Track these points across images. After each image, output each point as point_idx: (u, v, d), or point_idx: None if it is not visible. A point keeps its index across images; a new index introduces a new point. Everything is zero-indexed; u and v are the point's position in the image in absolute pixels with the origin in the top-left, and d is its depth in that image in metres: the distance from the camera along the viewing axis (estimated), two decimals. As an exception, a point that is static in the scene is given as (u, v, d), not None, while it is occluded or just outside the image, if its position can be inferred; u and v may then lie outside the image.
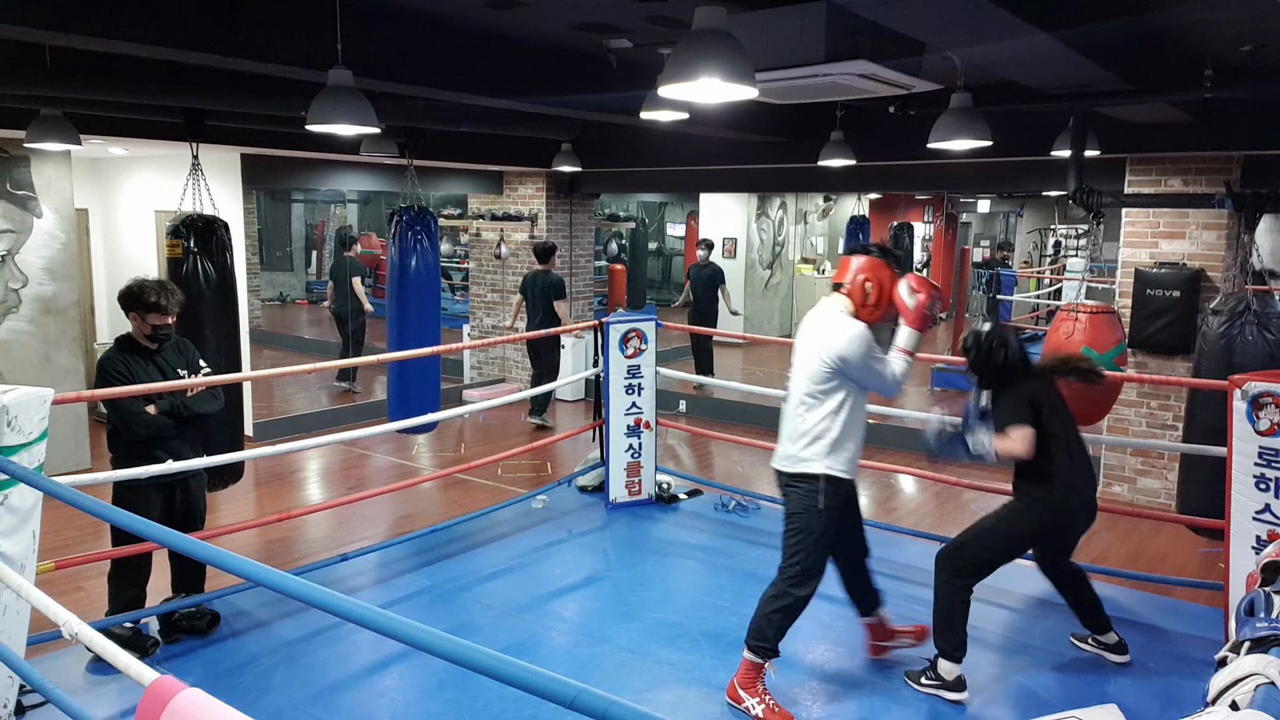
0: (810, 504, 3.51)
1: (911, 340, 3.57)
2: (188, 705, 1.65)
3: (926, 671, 3.77)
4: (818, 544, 3.55)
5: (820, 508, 3.50)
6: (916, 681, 3.78)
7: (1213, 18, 3.93)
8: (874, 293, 3.53)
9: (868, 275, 3.54)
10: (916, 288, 3.53)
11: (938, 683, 3.73)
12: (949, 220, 14.59)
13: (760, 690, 3.56)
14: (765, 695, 3.56)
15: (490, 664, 1.57)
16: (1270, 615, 1.97)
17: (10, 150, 6.52)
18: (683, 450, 8.03)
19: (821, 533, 3.54)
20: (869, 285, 3.53)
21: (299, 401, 9.61)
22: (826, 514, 3.52)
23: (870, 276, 3.54)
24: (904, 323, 3.58)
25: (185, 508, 4.14)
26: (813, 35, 3.16)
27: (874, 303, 3.54)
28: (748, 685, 3.58)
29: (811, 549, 3.54)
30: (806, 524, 3.53)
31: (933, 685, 3.73)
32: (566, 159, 7.63)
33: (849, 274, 3.58)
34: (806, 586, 3.56)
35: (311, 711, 3.57)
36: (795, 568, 3.55)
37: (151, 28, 3.53)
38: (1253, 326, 4.51)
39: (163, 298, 3.95)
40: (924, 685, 3.75)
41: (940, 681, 3.72)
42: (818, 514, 3.51)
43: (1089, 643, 4.11)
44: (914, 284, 3.54)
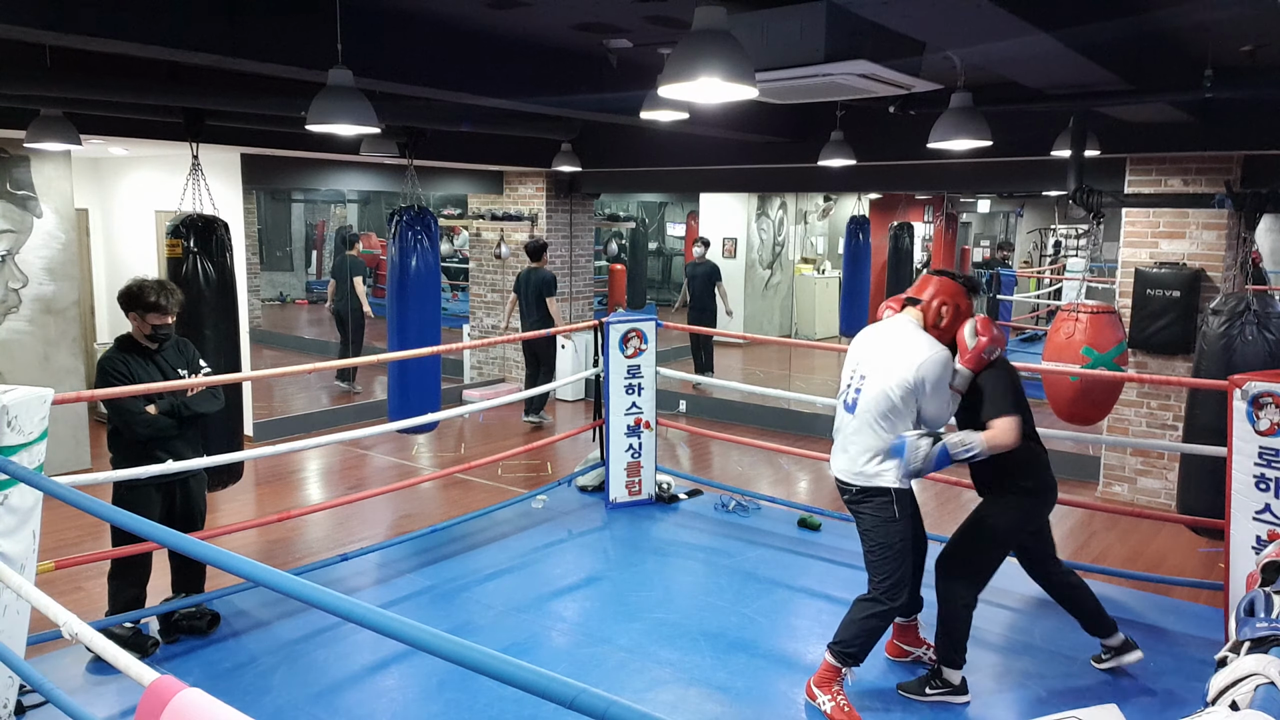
0: (888, 517, 3.53)
1: (964, 381, 3.58)
2: (188, 705, 1.65)
3: (930, 681, 3.73)
4: (901, 554, 3.56)
5: (896, 519, 3.53)
6: (919, 693, 3.72)
7: (1213, 18, 3.93)
8: (948, 317, 3.58)
9: (945, 299, 3.59)
10: (981, 330, 3.55)
11: (945, 690, 3.70)
12: (949, 220, 14.58)
13: (835, 690, 3.60)
14: (838, 694, 3.59)
15: (490, 664, 1.57)
16: (1270, 615, 1.97)
17: (10, 150, 6.52)
18: (683, 450, 8.03)
19: (901, 541, 3.56)
20: (944, 309, 3.58)
21: (299, 401, 9.61)
22: (902, 523, 3.55)
23: (948, 300, 3.59)
24: (959, 361, 3.58)
25: (185, 508, 4.14)
26: (813, 35, 3.15)
27: (944, 327, 3.58)
28: (823, 684, 3.62)
29: (896, 559, 3.56)
30: (887, 537, 3.55)
31: (940, 693, 3.70)
32: (566, 159, 7.63)
33: (927, 292, 3.61)
34: (899, 597, 3.58)
35: (311, 711, 3.57)
36: (886, 581, 3.56)
37: (151, 28, 3.53)
38: (1253, 326, 4.51)
39: (162, 297, 3.95)
40: (930, 695, 3.71)
41: (948, 688, 3.70)
42: (896, 526, 3.54)
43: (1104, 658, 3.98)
44: (979, 325, 3.57)
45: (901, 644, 4.08)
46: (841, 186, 9.61)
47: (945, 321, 3.57)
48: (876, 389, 3.49)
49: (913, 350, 3.46)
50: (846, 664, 3.60)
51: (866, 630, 3.58)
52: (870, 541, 3.59)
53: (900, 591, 3.56)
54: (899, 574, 3.55)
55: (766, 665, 4.01)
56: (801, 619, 4.48)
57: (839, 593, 4.75)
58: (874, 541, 3.58)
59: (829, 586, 4.84)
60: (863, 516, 3.60)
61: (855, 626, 3.58)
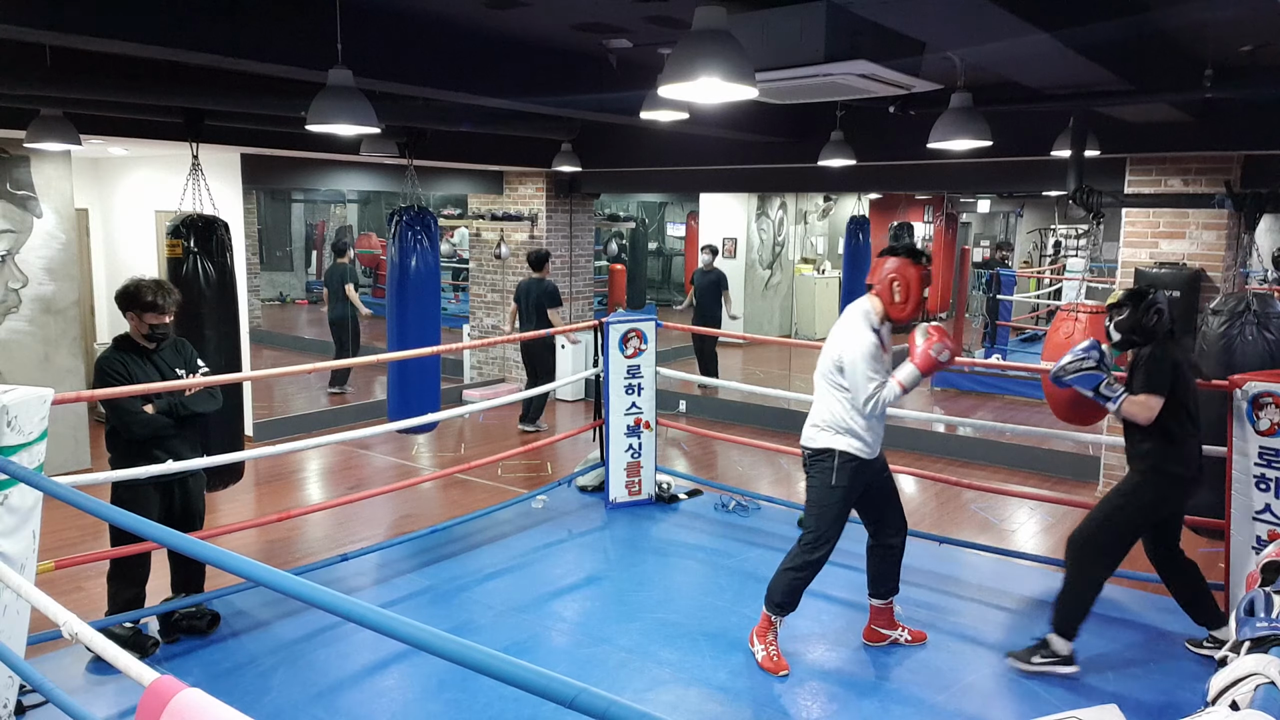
0: (826, 480, 3.82)
1: (911, 377, 3.73)
2: (188, 705, 1.65)
3: (1039, 650, 3.83)
4: (829, 518, 3.84)
5: (834, 483, 3.79)
6: (1026, 661, 3.83)
7: (1213, 18, 3.93)
8: (901, 292, 3.73)
9: (895, 275, 3.73)
10: (930, 333, 3.72)
11: (1053, 659, 3.79)
12: (949, 220, 14.59)
13: (768, 640, 3.96)
14: (771, 645, 3.95)
15: (490, 664, 1.57)
16: (1270, 615, 1.97)
17: (10, 150, 6.52)
18: (683, 450, 8.03)
19: (832, 505, 3.82)
20: (896, 285, 3.73)
21: (299, 401, 9.61)
22: (841, 488, 3.80)
23: (897, 276, 3.73)
24: (910, 360, 3.74)
25: (184, 508, 4.14)
26: (813, 35, 3.15)
27: (902, 301, 3.74)
28: (760, 635, 3.99)
29: (822, 520, 3.84)
30: (820, 497, 3.85)
31: (1047, 662, 3.80)
32: (566, 159, 7.63)
33: (879, 274, 3.77)
34: (816, 553, 3.86)
35: (311, 711, 3.57)
36: (809, 535, 3.87)
37: (151, 28, 3.53)
38: (1253, 326, 4.51)
39: (160, 297, 3.95)
40: (1036, 664, 3.81)
41: (1056, 658, 3.79)
42: (831, 489, 3.81)
43: (1205, 645, 4.08)
44: (930, 330, 3.74)
45: (877, 627, 4.14)
46: (841, 186, 9.61)
47: (901, 296, 3.74)
48: (825, 366, 3.84)
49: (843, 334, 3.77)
50: (775, 613, 3.94)
51: (788, 581, 3.90)
52: (808, 499, 3.91)
53: (819, 548, 3.85)
54: (822, 533, 3.84)
55: (766, 665, 4.00)
56: (801, 619, 4.47)
57: (839, 593, 4.75)
58: (809, 499, 3.90)
59: (829, 586, 4.84)
60: (810, 477, 3.90)
61: (779, 578, 3.92)
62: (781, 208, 14.71)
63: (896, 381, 3.73)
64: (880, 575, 4.10)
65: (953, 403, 9.85)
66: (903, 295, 3.73)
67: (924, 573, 4.91)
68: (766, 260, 14.39)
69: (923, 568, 4.96)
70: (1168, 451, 3.74)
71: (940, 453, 7.74)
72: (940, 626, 4.33)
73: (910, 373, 3.72)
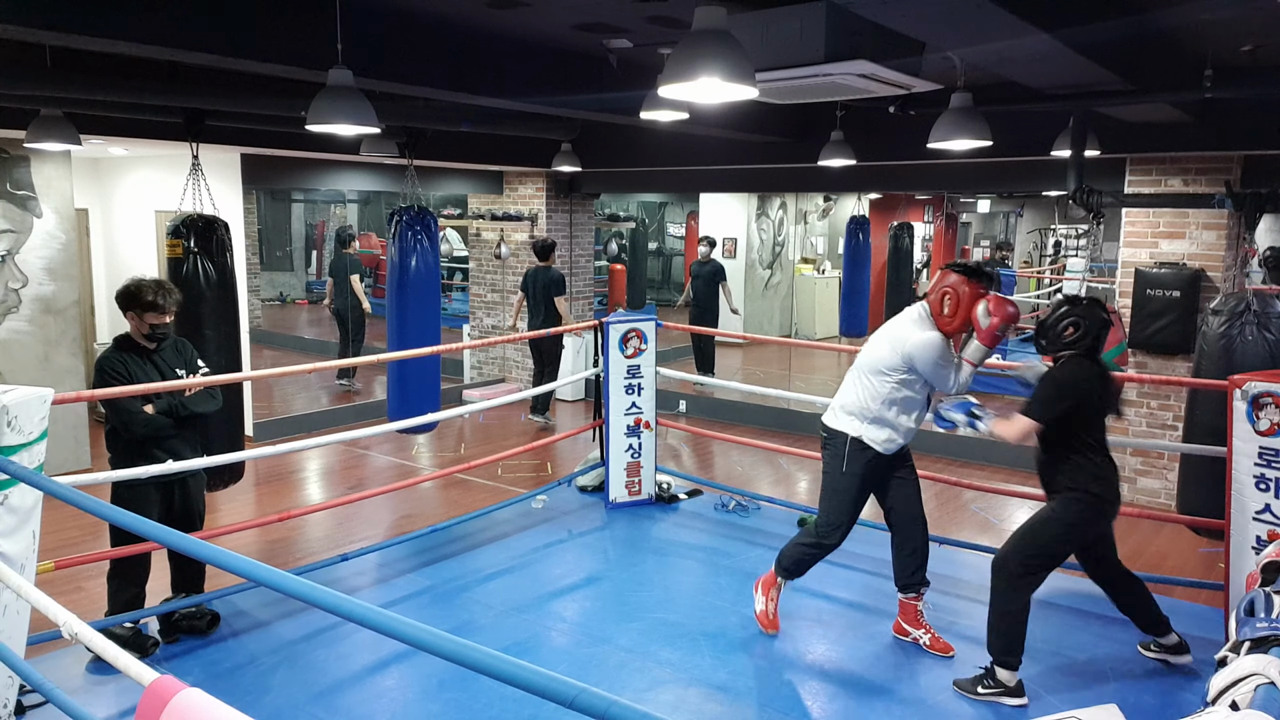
0: (838, 466, 3.98)
1: (978, 354, 3.87)
2: (188, 705, 1.65)
3: (983, 680, 3.71)
4: (840, 503, 3.98)
5: (844, 469, 3.95)
6: (972, 691, 3.71)
7: (1213, 18, 3.93)
8: (951, 306, 3.83)
9: (947, 290, 3.84)
10: (993, 310, 3.76)
11: (998, 690, 3.68)
12: (949, 220, 14.59)
13: (771, 595, 4.24)
14: (771, 600, 4.24)
15: (490, 664, 1.57)
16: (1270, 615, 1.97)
17: (10, 150, 6.52)
18: (683, 450, 8.03)
19: (842, 491, 3.97)
20: (947, 299, 3.83)
21: (299, 401, 9.61)
22: (849, 474, 3.94)
23: (950, 292, 3.83)
24: (975, 337, 3.84)
25: (184, 507, 4.14)
26: (813, 35, 3.15)
27: (950, 315, 3.83)
28: (765, 586, 4.27)
29: (834, 504, 3.99)
30: (832, 482, 4.01)
31: (992, 693, 3.68)
32: (566, 159, 7.63)
33: (936, 286, 3.89)
34: (830, 538, 4.02)
35: (311, 711, 3.57)
36: (822, 519, 4.04)
37: (151, 28, 3.53)
38: (1253, 326, 4.51)
39: (160, 297, 3.95)
40: (982, 694, 3.69)
41: (1001, 689, 3.68)
42: (841, 474, 3.96)
43: (1151, 648, 4.07)
44: (992, 306, 3.77)
45: (904, 622, 4.17)
46: (841, 186, 9.61)
47: (950, 310, 3.82)
48: (868, 355, 3.97)
49: (903, 332, 3.89)
50: (782, 576, 4.22)
51: (799, 555, 4.13)
52: (823, 483, 4.07)
53: (832, 534, 4.01)
54: (833, 518, 4.00)
55: (766, 665, 4.01)
56: (801, 619, 4.48)
57: (839, 593, 4.75)
58: (823, 483, 4.07)
59: (829, 586, 4.84)
60: (824, 459, 4.06)
61: (792, 549, 4.15)
62: (781, 208, 14.70)
63: (966, 361, 3.87)
64: (899, 568, 4.14)
65: (953, 403, 9.83)
66: (951, 309, 3.82)
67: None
68: (766, 260, 14.39)
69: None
70: (1090, 474, 3.66)
71: (940, 453, 7.74)
72: (940, 626, 4.32)
73: (976, 350, 3.85)
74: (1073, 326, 3.68)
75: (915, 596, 4.13)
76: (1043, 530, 3.72)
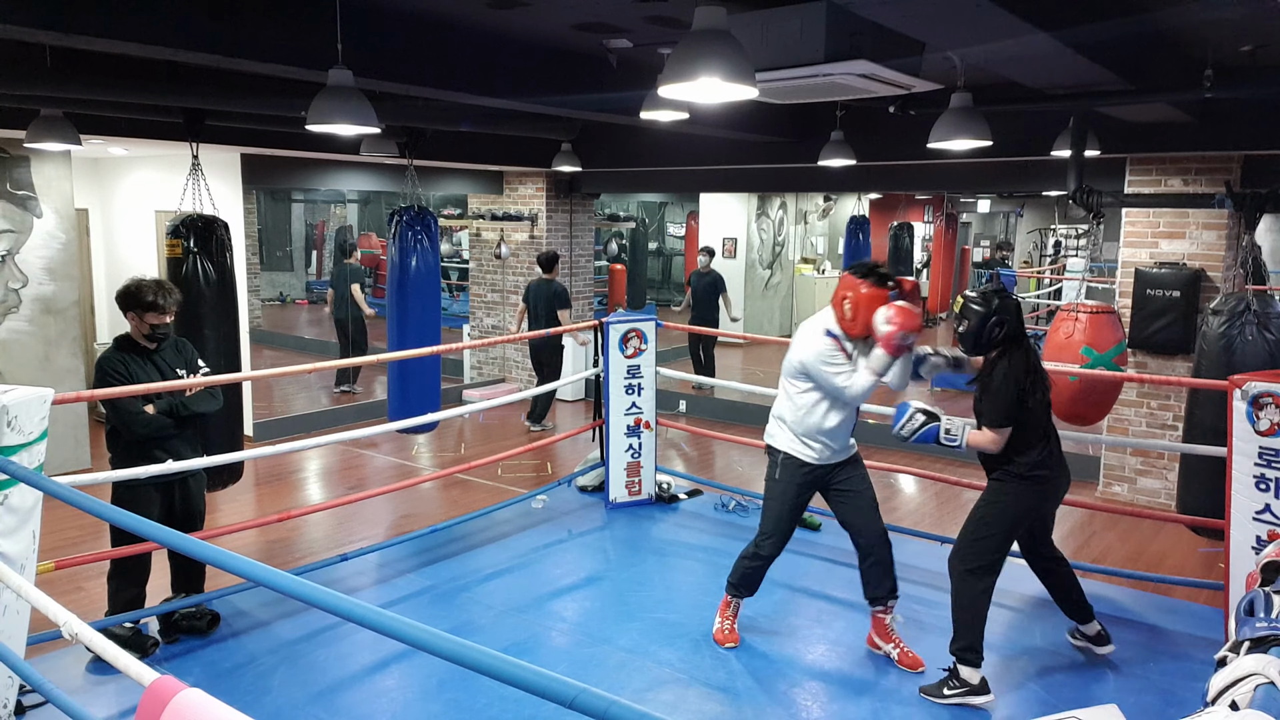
0: (772, 475, 4.05)
1: (880, 362, 3.74)
2: (188, 705, 1.65)
3: (948, 681, 3.69)
4: (775, 513, 4.01)
5: (776, 478, 4.01)
6: (939, 695, 3.67)
7: (1213, 18, 3.93)
8: (851, 310, 3.79)
9: (844, 292, 3.81)
10: (892, 318, 3.70)
11: (963, 690, 3.65)
12: (949, 220, 14.60)
13: (727, 616, 4.23)
14: (727, 620, 4.22)
15: (490, 664, 1.57)
16: (1270, 615, 1.96)
17: (10, 150, 6.52)
18: (683, 450, 8.02)
19: (774, 500, 4.02)
20: (846, 304, 3.80)
21: (299, 401, 9.61)
22: (781, 485, 3.99)
23: (846, 294, 3.80)
24: (877, 345, 3.75)
25: (184, 507, 4.14)
26: (813, 35, 3.15)
27: (850, 319, 3.80)
28: (721, 610, 4.26)
29: (769, 515, 4.03)
30: (769, 492, 4.08)
31: (958, 694, 3.65)
32: (566, 159, 7.63)
33: (838, 289, 3.87)
34: (764, 547, 4.05)
35: (311, 711, 3.57)
36: (760, 530, 4.08)
37: (151, 28, 3.53)
38: (1253, 326, 4.51)
39: (160, 297, 3.95)
40: (949, 696, 3.66)
41: (966, 688, 3.65)
42: (774, 483, 4.03)
43: (1074, 636, 4.12)
44: (891, 313, 3.71)
45: (874, 635, 4.11)
46: (841, 186, 9.60)
47: (851, 314, 3.79)
48: (785, 363, 3.99)
49: (801, 341, 3.91)
50: (732, 594, 4.19)
51: (743, 569, 4.13)
52: (764, 492, 4.12)
53: (764, 544, 4.03)
54: (768, 527, 4.02)
55: (766, 665, 4.01)
56: (801, 619, 4.48)
57: (839, 593, 4.75)
58: (764, 494, 4.12)
59: (829, 586, 4.84)
60: (767, 467, 4.11)
61: (737, 565, 4.15)
62: (781, 208, 14.70)
63: (866, 369, 3.75)
64: (865, 582, 4.04)
65: (952, 403, 9.85)
66: (852, 313, 3.76)
67: (924, 572, 4.91)
68: (766, 260, 14.39)
69: (923, 567, 4.96)
70: (1027, 457, 3.68)
71: (940, 453, 7.73)
72: (940, 626, 4.32)
73: (879, 358, 3.73)
74: (998, 325, 3.65)
75: (884, 610, 4.05)
76: (985, 518, 3.75)
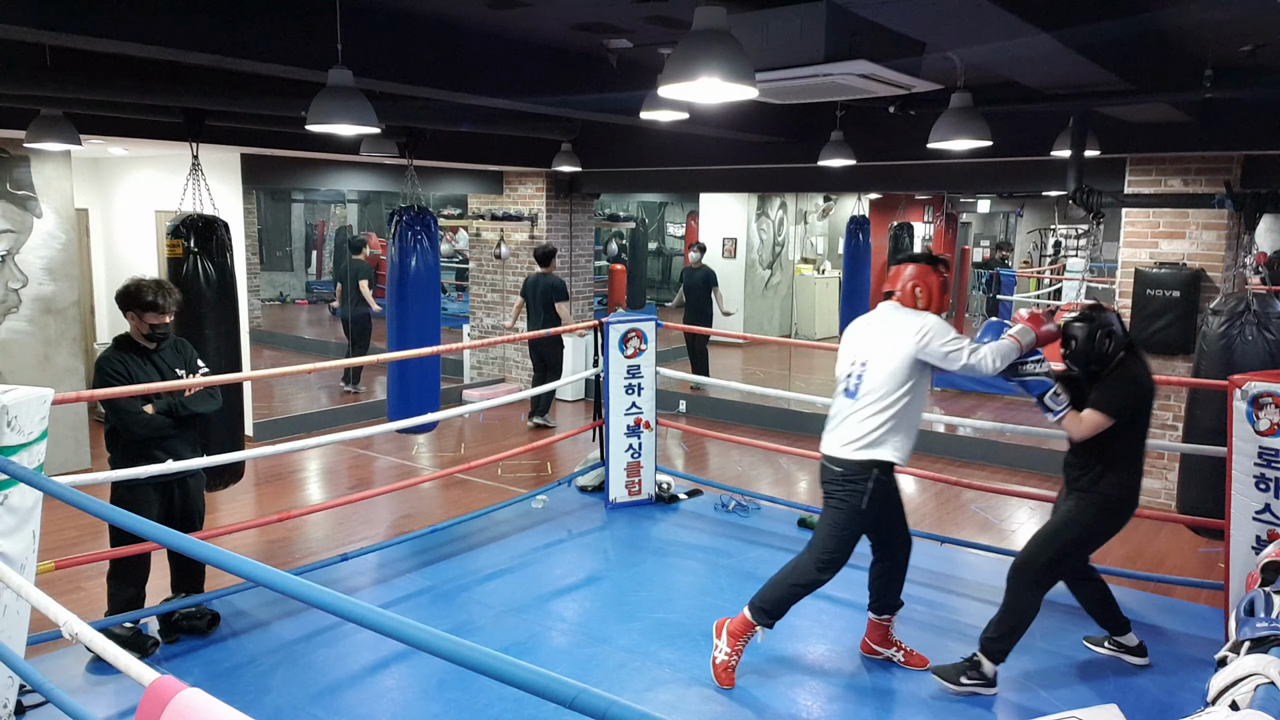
0: (854, 502, 3.61)
1: (1025, 333, 3.60)
2: (188, 705, 1.65)
3: (967, 671, 3.72)
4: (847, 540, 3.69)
5: (862, 507, 3.61)
6: (955, 681, 3.71)
7: (1213, 18, 3.93)
8: (923, 297, 3.68)
9: (916, 281, 3.70)
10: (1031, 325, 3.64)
11: (980, 681, 3.70)
12: (949, 220, 14.59)
13: (737, 646, 3.77)
14: (736, 651, 3.77)
15: (490, 664, 1.57)
16: (1270, 615, 1.97)
17: (10, 150, 6.52)
18: (682, 450, 8.02)
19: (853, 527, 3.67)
20: (918, 290, 3.68)
21: (299, 401, 9.61)
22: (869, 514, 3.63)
23: (919, 282, 3.69)
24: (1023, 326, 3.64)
25: (184, 507, 4.14)
26: (813, 35, 3.15)
27: (923, 307, 3.68)
28: (733, 634, 3.78)
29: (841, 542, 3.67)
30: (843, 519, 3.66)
31: (975, 684, 3.70)
32: (566, 159, 7.63)
33: (900, 282, 3.74)
34: (826, 573, 3.70)
35: (311, 711, 3.57)
36: (824, 556, 3.68)
37: (151, 28, 3.53)
38: (1253, 326, 4.51)
39: (160, 297, 3.95)
40: (965, 685, 3.71)
41: (983, 680, 3.70)
42: (858, 513, 3.63)
43: (1106, 645, 4.08)
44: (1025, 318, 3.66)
45: (871, 642, 4.06)
46: (841, 186, 9.61)
47: (923, 302, 3.69)
48: (884, 370, 3.58)
49: (906, 324, 3.60)
50: (760, 621, 3.73)
51: (788, 595, 3.72)
52: (830, 518, 3.68)
53: (831, 571, 3.69)
54: (836, 556, 3.67)
55: (766, 665, 4.00)
56: (801, 619, 4.47)
57: (839, 593, 4.74)
58: (830, 519, 3.68)
59: (829, 586, 4.81)
60: (833, 497, 3.68)
61: (780, 589, 3.72)
62: (781, 208, 14.70)
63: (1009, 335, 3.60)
64: (881, 590, 3.97)
65: (953, 403, 9.85)
66: (924, 301, 3.70)
67: (924, 572, 4.90)
68: (766, 260, 14.39)
69: (923, 567, 4.96)
70: (1118, 478, 3.63)
71: (940, 453, 7.74)
72: (940, 626, 4.33)
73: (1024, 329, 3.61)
74: (1107, 336, 3.59)
75: (888, 619, 4.01)
76: (1062, 534, 3.71)
